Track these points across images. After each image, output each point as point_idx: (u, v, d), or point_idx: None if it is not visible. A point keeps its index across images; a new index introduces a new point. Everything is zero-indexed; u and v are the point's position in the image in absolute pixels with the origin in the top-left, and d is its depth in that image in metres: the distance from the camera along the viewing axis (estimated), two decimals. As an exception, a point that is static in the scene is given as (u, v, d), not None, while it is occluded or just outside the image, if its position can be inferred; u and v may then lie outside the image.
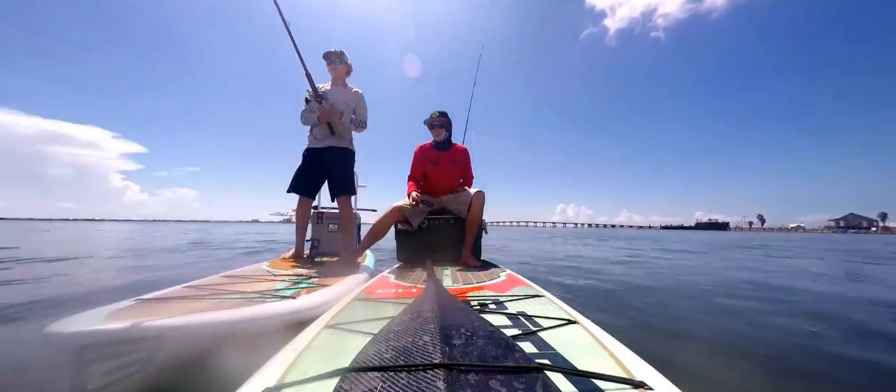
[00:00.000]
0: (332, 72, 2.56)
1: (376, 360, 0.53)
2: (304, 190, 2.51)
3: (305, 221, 2.57)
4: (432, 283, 1.10)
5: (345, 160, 2.56)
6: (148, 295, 1.29)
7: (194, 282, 1.61)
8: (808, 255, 7.23)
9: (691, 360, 1.36)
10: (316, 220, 3.13)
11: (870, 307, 2.32)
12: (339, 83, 2.58)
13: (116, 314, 0.99)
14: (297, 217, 2.54)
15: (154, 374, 0.88)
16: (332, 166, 2.52)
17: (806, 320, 1.94)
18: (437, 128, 2.68)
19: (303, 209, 2.54)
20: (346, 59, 2.58)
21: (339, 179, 2.53)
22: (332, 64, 2.53)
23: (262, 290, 1.44)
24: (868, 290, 3.03)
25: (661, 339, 1.60)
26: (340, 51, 2.54)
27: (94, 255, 4.68)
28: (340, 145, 2.53)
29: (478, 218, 2.44)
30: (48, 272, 3.12)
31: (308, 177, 2.52)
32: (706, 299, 2.49)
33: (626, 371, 0.60)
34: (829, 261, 5.88)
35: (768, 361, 1.36)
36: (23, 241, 7.61)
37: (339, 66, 2.55)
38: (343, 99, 2.53)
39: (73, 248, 5.66)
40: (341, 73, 2.59)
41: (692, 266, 4.64)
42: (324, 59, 2.51)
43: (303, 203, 2.53)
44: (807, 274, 3.98)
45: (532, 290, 1.33)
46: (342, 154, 2.54)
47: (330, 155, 2.50)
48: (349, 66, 2.62)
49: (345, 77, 2.62)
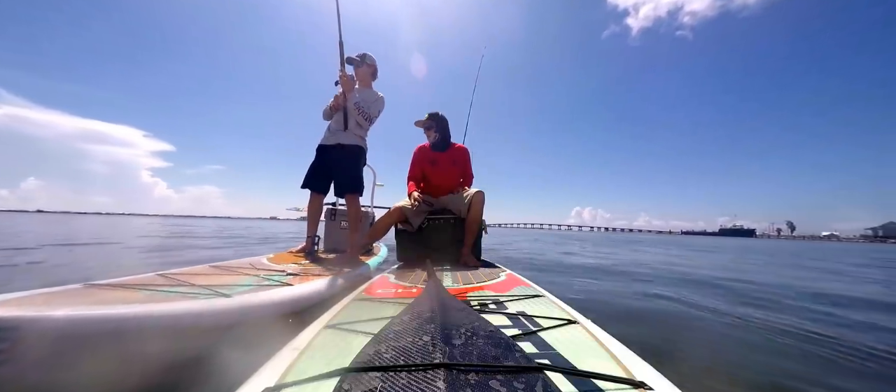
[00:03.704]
0: (356, 75, 2.61)
1: (376, 360, 0.53)
2: (315, 186, 2.55)
3: (316, 217, 2.59)
4: (432, 283, 1.10)
5: (350, 158, 2.55)
6: (102, 281, 1.21)
7: (173, 271, 1.56)
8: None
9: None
10: (329, 217, 3.15)
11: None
12: (363, 85, 2.64)
13: (26, 300, 0.89)
14: (308, 213, 2.57)
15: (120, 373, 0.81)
16: (335, 164, 2.53)
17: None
18: (427, 130, 2.71)
19: (314, 205, 2.57)
20: (368, 61, 2.62)
21: (344, 177, 2.55)
22: (355, 67, 2.59)
23: (230, 283, 1.39)
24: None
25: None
26: (362, 53, 2.60)
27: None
28: (348, 142, 2.53)
29: (478, 218, 2.44)
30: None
31: (319, 173, 2.56)
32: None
33: (627, 371, 0.60)
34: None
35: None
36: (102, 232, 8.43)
37: (360, 68, 2.60)
38: (367, 98, 2.59)
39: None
40: (364, 75, 2.63)
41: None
42: (347, 63, 2.53)
43: (314, 199, 2.58)
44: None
45: (532, 290, 1.33)
46: (347, 152, 2.54)
47: (335, 153, 2.52)
48: (372, 68, 2.66)
49: (370, 79, 2.67)
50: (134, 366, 0.85)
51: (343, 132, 2.52)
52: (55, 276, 2.68)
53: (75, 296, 1.04)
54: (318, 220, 2.60)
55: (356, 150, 2.57)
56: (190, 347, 0.96)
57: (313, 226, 2.57)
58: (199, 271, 1.64)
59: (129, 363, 0.84)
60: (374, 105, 2.63)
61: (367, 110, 2.59)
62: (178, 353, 0.94)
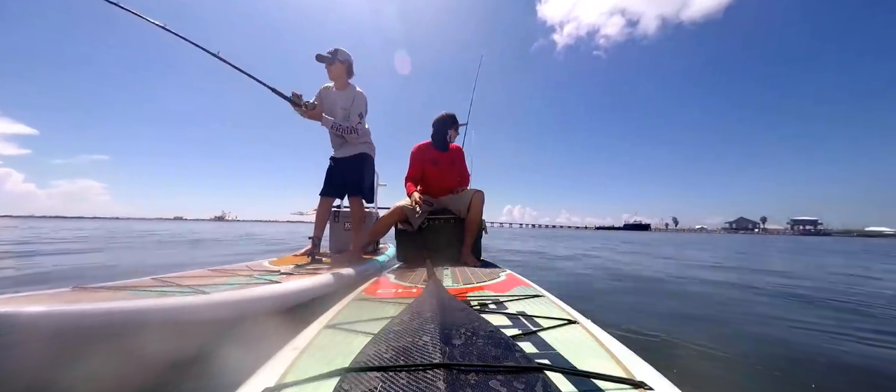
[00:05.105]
0: (329, 74, 2.47)
1: (376, 360, 0.53)
2: (328, 192, 2.61)
3: (323, 220, 2.60)
4: (432, 283, 1.10)
5: (355, 166, 2.58)
6: (93, 284, 1.20)
7: (168, 275, 1.55)
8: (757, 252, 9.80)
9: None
10: (333, 219, 3.17)
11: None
12: (339, 84, 2.49)
13: (11, 301, 0.86)
14: (316, 216, 2.60)
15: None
16: (343, 172, 2.57)
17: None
18: (452, 129, 2.71)
19: (322, 209, 2.60)
20: (340, 57, 2.42)
21: (348, 181, 2.58)
22: (326, 65, 2.43)
23: (219, 283, 1.37)
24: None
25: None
26: (333, 49, 2.42)
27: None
28: (351, 154, 2.56)
29: (477, 218, 2.45)
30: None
31: (331, 181, 2.61)
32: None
33: (626, 371, 0.60)
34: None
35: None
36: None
37: (331, 66, 2.43)
38: (340, 103, 2.47)
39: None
40: (338, 73, 2.45)
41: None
42: (318, 60, 2.42)
43: (323, 203, 2.60)
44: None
45: (532, 290, 1.33)
46: (351, 162, 2.57)
47: (344, 163, 2.57)
48: (346, 65, 2.46)
49: (345, 76, 2.47)
50: (100, 364, 0.82)
51: (343, 146, 2.56)
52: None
53: (63, 298, 1.00)
54: (324, 223, 2.60)
55: (360, 157, 2.58)
56: (168, 346, 0.94)
57: (319, 229, 2.57)
58: (194, 274, 1.63)
59: (92, 361, 0.81)
60: (354, 108, 2.46)
61: (350, 121, 2.46)
62: (155, 351, 0.92)
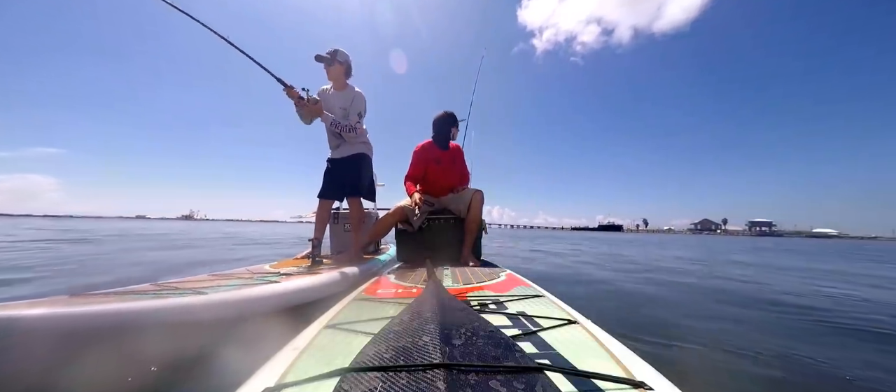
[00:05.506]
0: (328, 74, 2.46)
1: (376, 361, 0.53)
2: (327, 194, 2.60)
3: (323, 223, 2.59)
4: (432, 283, 1.10)
5: (352, 166, 2.56)
6: (90, 292, 1.19)
7: (169, 280, 1.55)
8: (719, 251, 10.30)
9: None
10: (333, 221, 3.16)
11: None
12: (337, 85, 2.49)
13: (11, 307, 0.86)
14: (316, 218, 2.60)
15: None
16: (341, 173, 2.56)
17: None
18: (453, 127, 2.71)
19: (321, 211, 2.59)
20: (339, 58, 2.41)
21: (346, 182, 2.57)
22: (325, 65, 2.42)
23: (218, 286, 1.36)
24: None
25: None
26: (333, 50, 2.42)
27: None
28: (348, 154, 2.54)
29: (478, 218, 2.45)
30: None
31: (330, 183, 2.60)
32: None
33: (626, 371, 0.60)
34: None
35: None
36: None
37: (331, 67, 2.42)
38: (339, 103, 2.47)
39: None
40: (337, 74, 2.44)
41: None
42: (317, 61, 2.41)
43: (323, 205, 2.59)
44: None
45: (532, 290, 1.33)
46: (348, 162, 2.55)
47: (341, 164, 2.55)
48: (345, 65, 2.45)
49: (343, 78, 2.47)
50: (100, 366, 0.83)
51: (340, 146, 2.54)
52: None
53: (61, 304, 0.98)
54: (324, 225, 2.59)
55: (357, 158, 2.55)
56: (167, 346, 0.95)
57: (320, 231, 2.56)
58: (194, 279, 1.63)
59: (92, 363, 0.83)
60: (353, 107, 2.46)
61: (348, 120, 2.45)
62: (155, 352, 0.92)
